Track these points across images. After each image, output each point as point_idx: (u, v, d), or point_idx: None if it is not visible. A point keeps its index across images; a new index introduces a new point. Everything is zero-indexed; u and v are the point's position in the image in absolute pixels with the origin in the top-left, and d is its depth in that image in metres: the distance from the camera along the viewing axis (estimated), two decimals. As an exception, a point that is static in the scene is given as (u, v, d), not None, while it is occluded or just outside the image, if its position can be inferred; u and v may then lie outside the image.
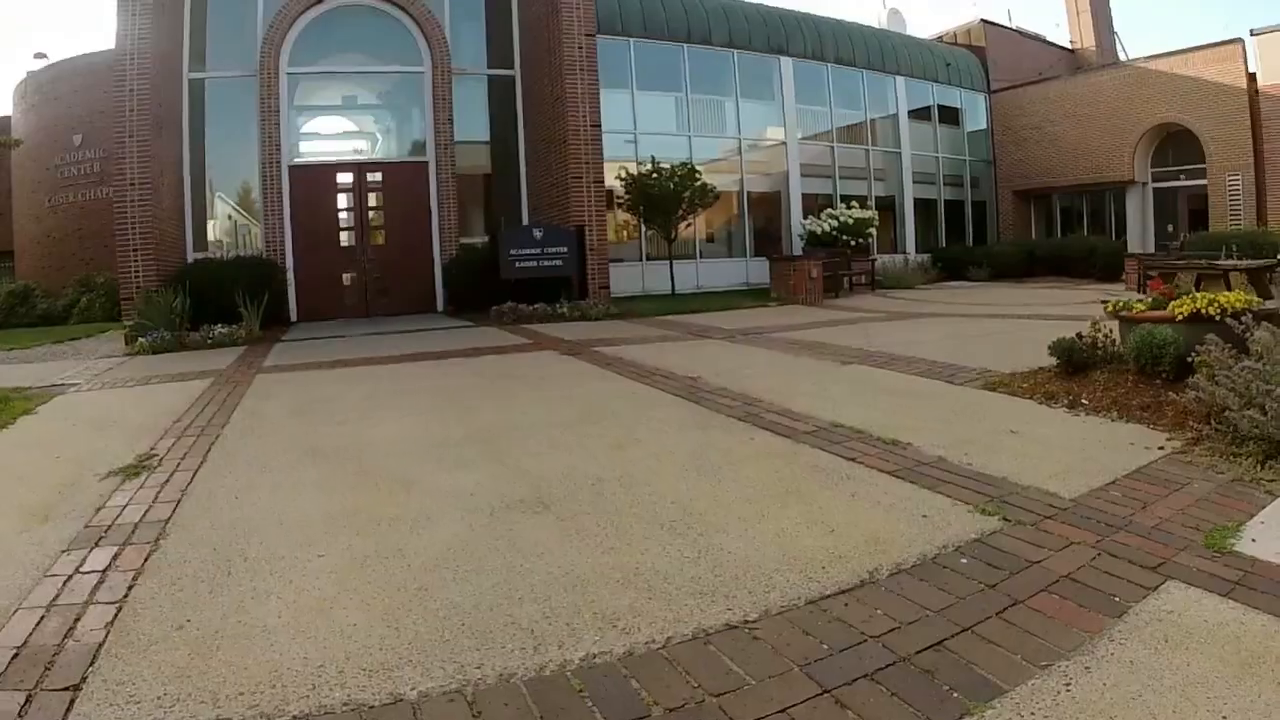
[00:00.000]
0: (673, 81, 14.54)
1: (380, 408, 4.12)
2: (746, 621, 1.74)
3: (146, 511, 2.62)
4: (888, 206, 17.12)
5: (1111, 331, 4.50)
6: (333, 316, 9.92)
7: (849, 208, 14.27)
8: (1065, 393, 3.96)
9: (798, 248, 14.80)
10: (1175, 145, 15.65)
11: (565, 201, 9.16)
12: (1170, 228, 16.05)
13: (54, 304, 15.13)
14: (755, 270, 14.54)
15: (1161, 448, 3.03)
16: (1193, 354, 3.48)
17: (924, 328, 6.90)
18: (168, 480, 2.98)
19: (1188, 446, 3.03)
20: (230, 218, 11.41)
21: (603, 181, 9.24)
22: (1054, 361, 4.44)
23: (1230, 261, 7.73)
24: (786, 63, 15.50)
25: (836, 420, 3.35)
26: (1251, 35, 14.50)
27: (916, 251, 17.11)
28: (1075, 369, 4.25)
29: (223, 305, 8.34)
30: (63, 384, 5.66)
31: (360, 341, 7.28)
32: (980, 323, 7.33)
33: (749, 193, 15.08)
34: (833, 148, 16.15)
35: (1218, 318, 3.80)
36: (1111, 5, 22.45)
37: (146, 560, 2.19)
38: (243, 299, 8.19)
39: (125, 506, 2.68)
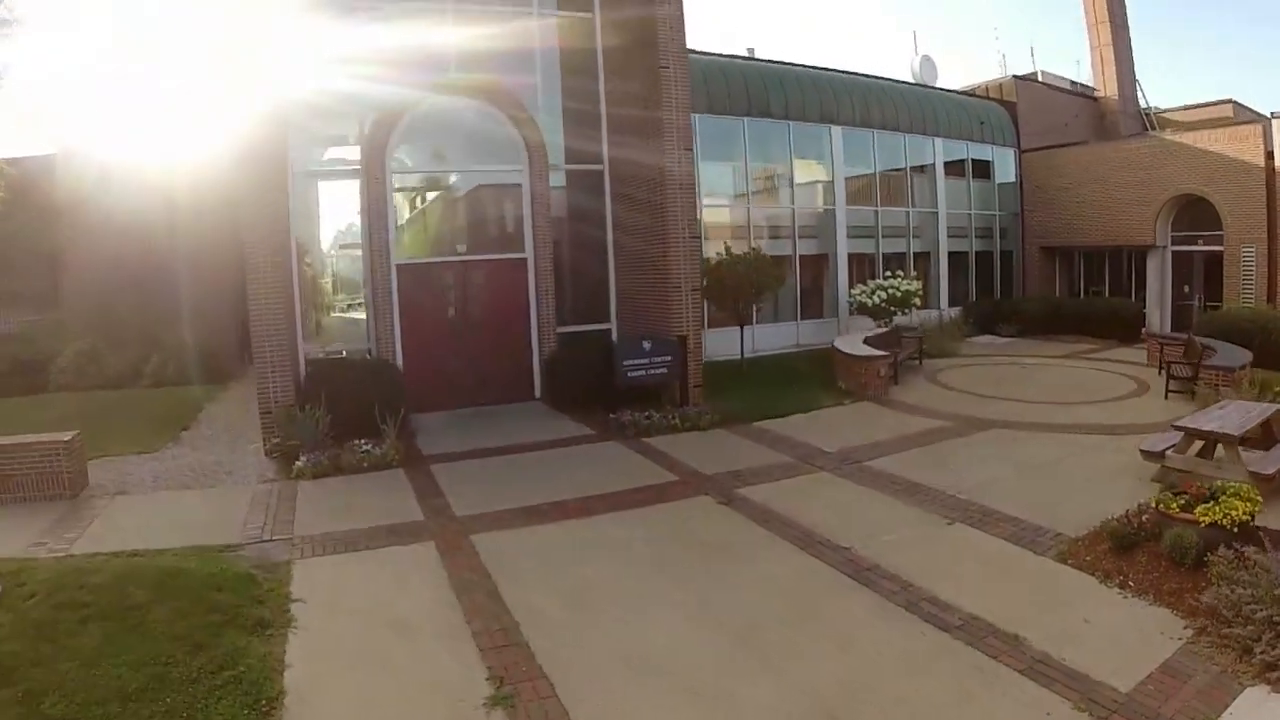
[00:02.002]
0: (733, 151, 16.19)
1: (630, 595, 5.31)
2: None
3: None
4: (923, 258, 18.92)
5: (1151, 508, 6.27)
6: (440, 408, 11.04)
7: (893, 275, 16.05)
8: (1117, 571, 5.70)
9: (845, 313, 16.63)
10: (1194, 210, 17.43)
11: (665, 309, 10.83)
12: (1186, 288, 17.93)
13: (121, 359, 15.95)
14: (805, 332, 16.38)
15: (1180, 638, 4.76)
16: (1207, 555, 5.32)
17: (990, 455, 8.57)
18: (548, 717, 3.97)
19: (1196, 636, 4.78)
20: (329, 309, 12.68)
21: (699, 290, 10.94)
22: (1112, 513, 6.28)
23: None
24: (836, 131, 17.16)
25: (974, 613, 5.11)
26: (1272, 117, 16.30)
27: (949, 304, 18.93)
28: (1124, 548, 6.07)
29: (351, 412, 9.15)
30: (266, 537, 6.56)
31: (515, 468, 8.43)
32: (1037, 442, 9.02)
33: (800, 255, 16.81)
34: (877, 211, 17.89)
35: (1229, 527, 5.62)
36: (1134, 53, 24.12)
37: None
38: (380, 414, 8.94)
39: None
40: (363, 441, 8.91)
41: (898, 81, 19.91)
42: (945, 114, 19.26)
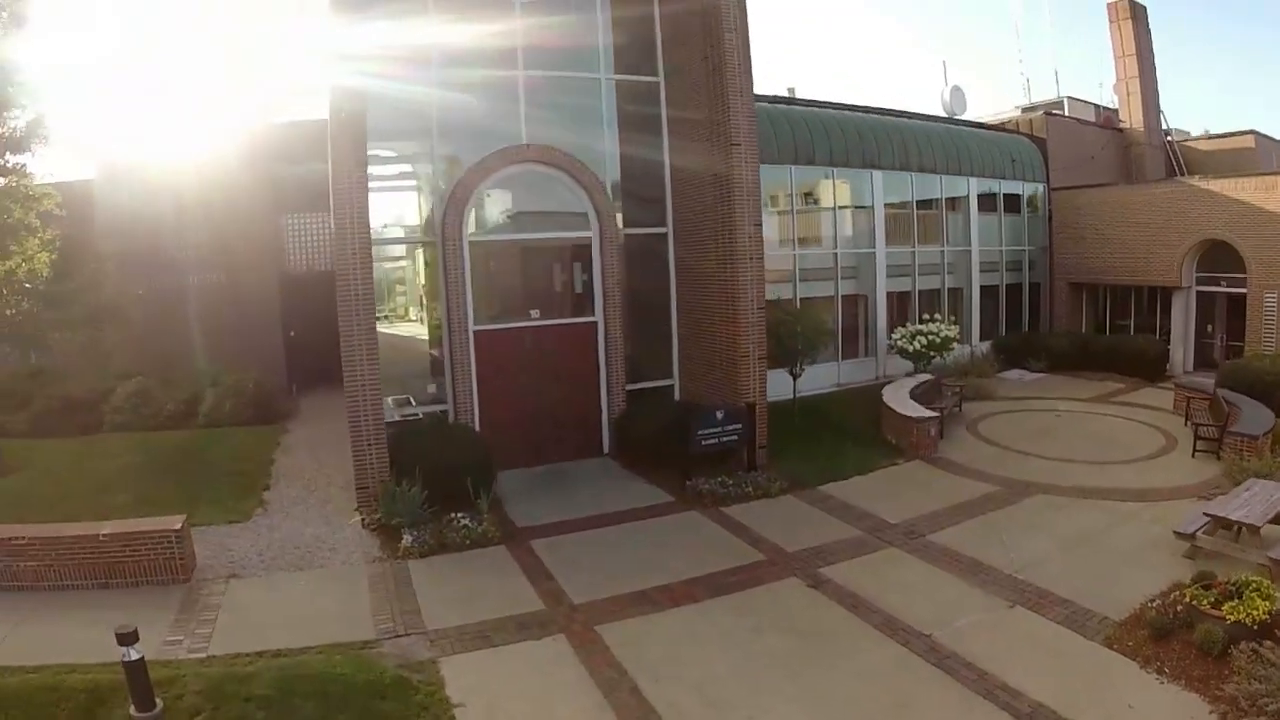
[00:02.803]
0: (780, 197, 17.27)
1: (754, 690, 6.18)
2: None
3: None
4: (955, 293, 20.05)
5: (1185, 601, 7.47)
6: (515, 465, 11.72)
7: (930, 318, 17.19)
8: (1155, 658, 6.89)
9: (883, 352, 17.81)
10: (1218, 250, 18.42)
11: (733, 374, 11.99)
12: (1210, 328, 19.02)
13: (173, 397, 15.91)
14: (845, 371, 17.59)
15: (1206, 725, 6.01)
16: (1231, 648, 6.56)
17: (1038, 526, 9.71)
18: None
19: (1220, 721, 6.02)
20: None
21: (765, 358, 12.12)
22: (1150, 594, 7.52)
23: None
24: (877, 175, 18.22)
25: (1040, 700, 6.26)
26: (1297, 167, 17.33)
27: (980, 338, 20.07)
28: (1161, 635, 7.28)
29: (438, 478, 9.77)
30: (400, 631, 7.10)
31: (611, 545, 9.31)
32: (1078, 510, 10.17)
33: (841, 295, 17.96)
34: (914, 251, 18.97)
35: (1251, 625, 6.84)
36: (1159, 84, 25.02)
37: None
38: (472, 488, 9.62)
39: None
40: (460, 515, 9.57)
41: (933, 118, 20.91)
42: (980, 153, 20.25)
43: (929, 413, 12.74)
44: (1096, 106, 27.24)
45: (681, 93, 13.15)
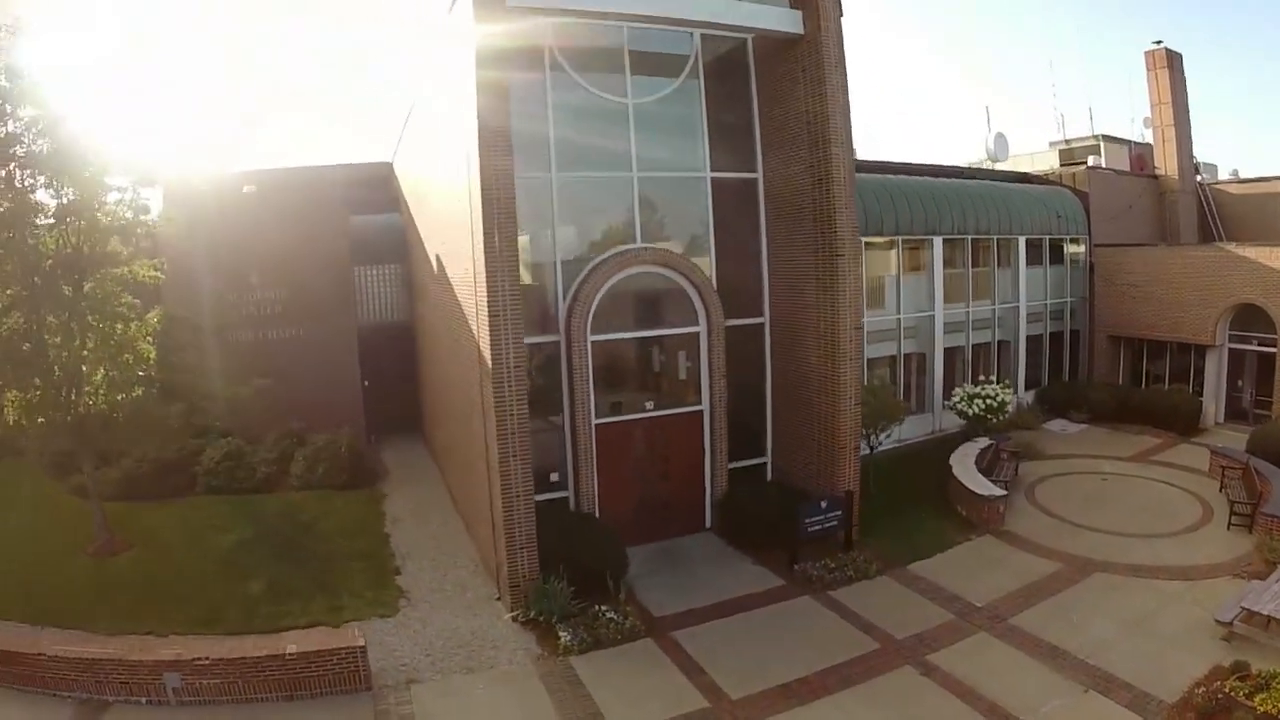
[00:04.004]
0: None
1: None
2: None
3: None
4: (1004, 345, 22.17)
5: (1224, 693, 9.71)
6: (629, 543, 12.79)
7: (985, 379, 19.33)
8: None
9: (939, 407, 19.97)
10: (1250, 312, 20.43)
11: (830, 462, 14.05)
12: (1239, 382, 21.15)
13: (263, 458, 17.01)
14: (906, 428, 19.63)
15: (1245, 807, 8.30)
16: (1267, 737, 8.83)
17: (1100, 607, 11.77)
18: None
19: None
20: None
21: (858, 449, 14.24)
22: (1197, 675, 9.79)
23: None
24: (937, 241, 20.19)
25: None
26: (1325, 242, 19.32)
27: (1025, 388, 22.22)
28: (1205, 717, 9.54)
29: (570, 567, 11.30)
30: None
31: (744, 636, 10.88)
32: (1131, 591, 12.29)
33: (904, 354, 20.06)
34: (968, 311, 21.02)
35: (1276, 715, 9.09)
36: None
37: None
38: (611, 582, 11.24)
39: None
40: (604, 609, 11.08)
41: (983, 172, 22.84)
42: (1030, 212, 22.21)
43: (998, 491, 14.92)
44: (1129, 143, 29.07)
45: (782, 194, 14.78)
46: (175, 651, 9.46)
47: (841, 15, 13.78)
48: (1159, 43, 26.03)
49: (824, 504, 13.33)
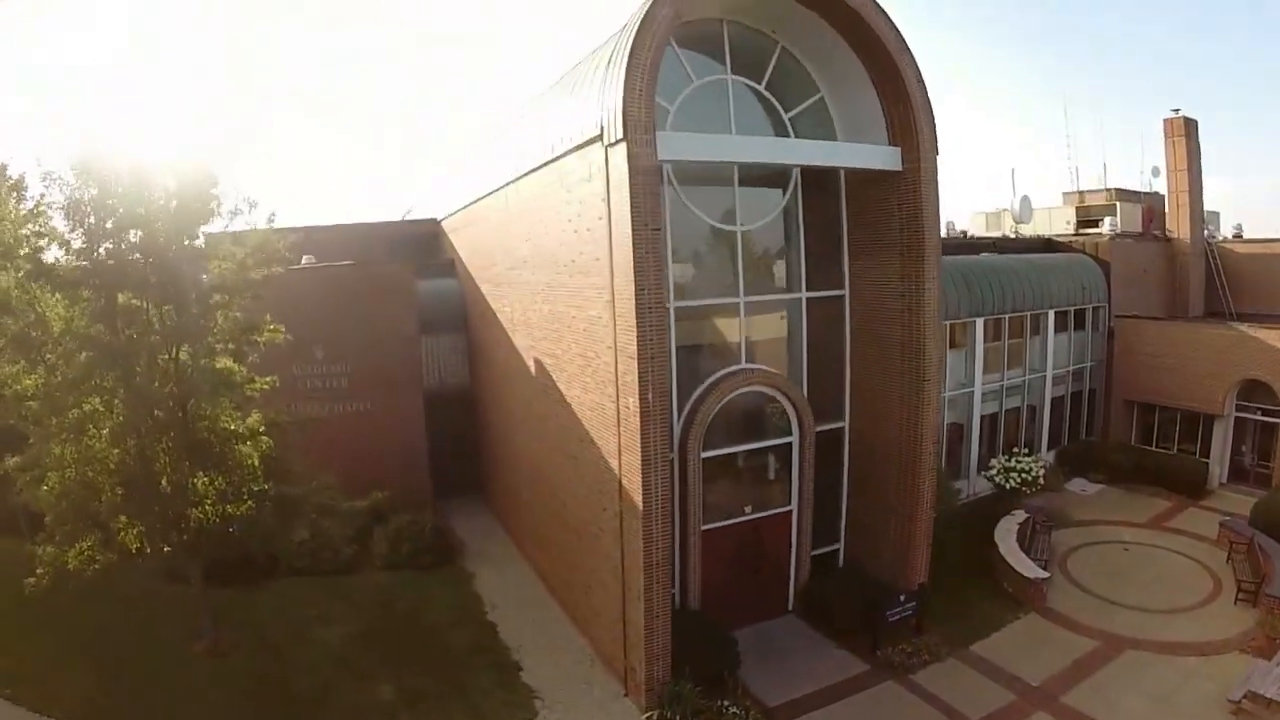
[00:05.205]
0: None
1: None
2: None
3: None
4: (1031, 410, 24.89)
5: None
6: (726, 628, 14.51)
7: (1019, 453, 21.98)
8: None
9: (974, 475, 22.67)
10: (1257, 384, 23.05)
11: (905, 560, 16.46)
12: (1243, 447, 24.08)
13: (341, 534, 17.04)
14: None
15: None
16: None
17: (1131, 684, 14.20)
18: None
19: None
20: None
21: (930, 547, 16.77)
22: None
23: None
24: (979, 322, 22.67)
25: None
26: (1327, 330, 22.10)
27: (1047, 448, 25.01)
28: (1229, 796, 12.33)
29: (701, 674, 12.96)
30: None
31: None
32: (1157, 669, 14.75)
33: (946, 424, 22.65)
34: (1003, 384, 23.64)
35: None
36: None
37: None
38: (730, 680, 13.16)
39: None
40: (726, 704, 12.77)
41: (1014, 245, 25.32)
42: (1058, 286, 24.75)
43: (1042, 573, 17.48)
44: (1139, 195, 31.59)
45: (868, 309, 16.56)
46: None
47: (938, 154, 15.38)
48: (1177, 111, 28.47)
49: (902, 597, 15.91)
